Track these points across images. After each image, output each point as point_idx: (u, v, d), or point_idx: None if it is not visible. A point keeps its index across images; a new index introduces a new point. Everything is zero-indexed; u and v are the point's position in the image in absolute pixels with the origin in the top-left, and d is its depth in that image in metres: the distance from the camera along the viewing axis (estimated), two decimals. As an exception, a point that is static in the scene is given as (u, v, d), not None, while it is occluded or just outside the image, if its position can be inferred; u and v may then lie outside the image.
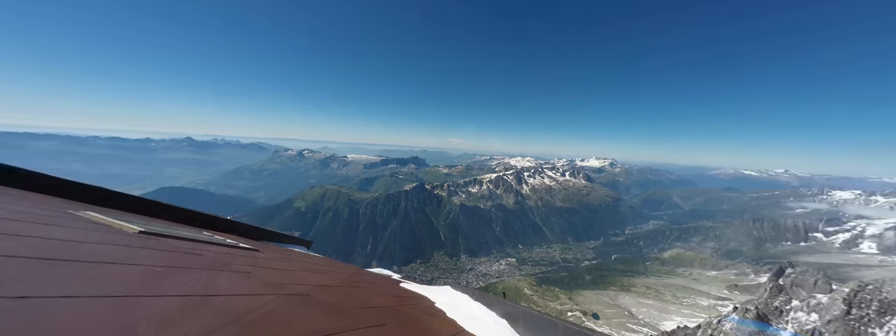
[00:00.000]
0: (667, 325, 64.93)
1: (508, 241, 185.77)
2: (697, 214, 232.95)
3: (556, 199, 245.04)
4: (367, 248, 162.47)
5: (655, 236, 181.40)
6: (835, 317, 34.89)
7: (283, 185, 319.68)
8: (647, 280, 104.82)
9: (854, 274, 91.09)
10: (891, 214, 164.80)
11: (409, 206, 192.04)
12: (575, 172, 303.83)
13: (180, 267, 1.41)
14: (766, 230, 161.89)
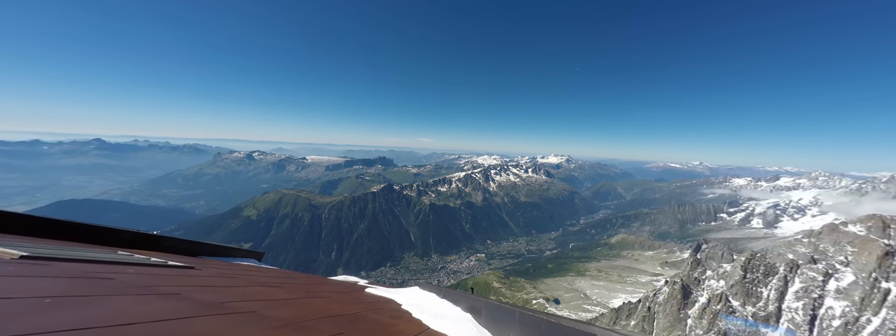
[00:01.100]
0: (615, 302, 73.08)
1: (478, 238, 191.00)
2: (636, 203, 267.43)
3: (520, 194, 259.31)
4: (332, 255, 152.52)
5: (604, 224, 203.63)
6: (735, 281, 42.96)
7: (229, 191, 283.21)
8: (598, 264, 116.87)
9: (748, 245, 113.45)
10: (770, 196, 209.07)
11: (377, 208, 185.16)
12: (537, 169, 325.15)
13: (82, 295, 1.17)
14: (687, 213, 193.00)
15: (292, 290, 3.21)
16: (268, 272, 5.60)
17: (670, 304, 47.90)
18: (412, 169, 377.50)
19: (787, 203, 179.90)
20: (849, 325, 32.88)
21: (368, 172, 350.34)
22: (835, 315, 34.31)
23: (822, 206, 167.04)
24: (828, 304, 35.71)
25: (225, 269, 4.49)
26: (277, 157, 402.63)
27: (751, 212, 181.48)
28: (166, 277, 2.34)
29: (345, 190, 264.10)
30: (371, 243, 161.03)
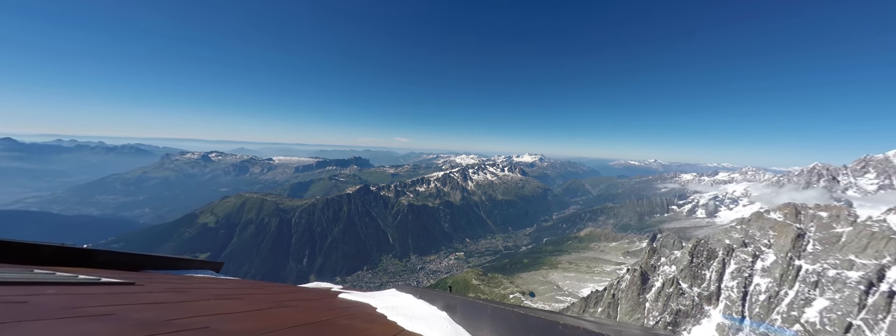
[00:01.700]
0: (584, 291, 77.97)
1: (457, 236, 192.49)
2: (602, 198, 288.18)
3: (497, 193, 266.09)
4: (303, 261, 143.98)
5: (574, 219, 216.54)
6: (684, 266, 48.03)
7: (180, 197, 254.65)
8: (569, 256, 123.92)
9: (694, 233, 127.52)
10: (711, 189, 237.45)
11: (352, 210, 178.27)
12: (512, 168, 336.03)
13: None
14: (644, 207, 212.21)
15: (255, 302, 3.02)
16: (227, 284, 5.09)
17: (631, 290, 52.26)
18: (390, 169, 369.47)
19: (724, 195, 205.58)
20: (771, 299, 38.46)
21: (343, 173, 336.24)
22: (761, 290, 39.92)
23: (751, 197, 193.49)
24: (755, 281, 41.42)
25: (175, 284, 3.97)
26: (239, 158, 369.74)
27: (696, 203, 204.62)
28: (98, 297, 2.02)
29: (317, 192, 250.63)
30: (347, 247, 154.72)
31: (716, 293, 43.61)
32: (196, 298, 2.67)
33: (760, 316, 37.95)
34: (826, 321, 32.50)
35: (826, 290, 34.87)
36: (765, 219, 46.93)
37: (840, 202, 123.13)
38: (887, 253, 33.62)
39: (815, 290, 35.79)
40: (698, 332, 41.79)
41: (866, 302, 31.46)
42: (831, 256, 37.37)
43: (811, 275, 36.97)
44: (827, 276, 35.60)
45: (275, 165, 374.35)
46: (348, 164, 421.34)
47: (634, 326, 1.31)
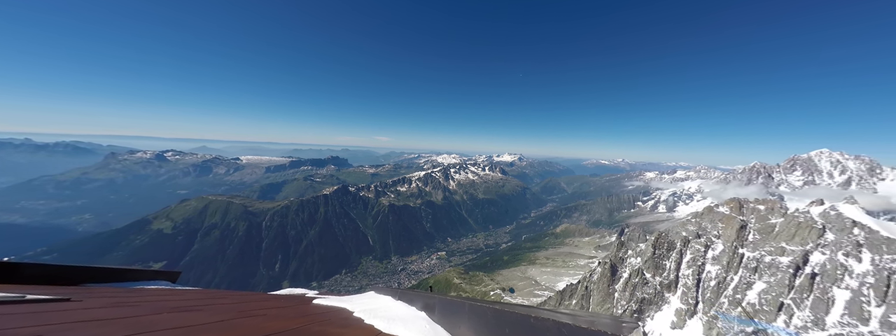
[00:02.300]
0: (560, 285, 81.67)
1: (438, 236, 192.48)
2: (576, 196, 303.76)
3: (478, 192, 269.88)
4: (275, 267, 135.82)
5: (551, 216, 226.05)
6: (648, 257, 52.03)
7: (129, 201, 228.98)
8: (546, 252, 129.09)
9: (656, 227, 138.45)
10: (671, 186, 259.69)
11: (330, 211, 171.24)
12: (493, 167, 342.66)
13: None
14: (613, 203, 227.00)
15: (218, 312, 2.88)
16: (185, 295, 4.59)
17: (602, 281, 55.65)
18: (369, 169, 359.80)
19: (681, 191, 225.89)
20: (720, 284, 42.96)
21: (319, 173, 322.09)
22: (711, 277, 44.44)
23: (703, 193, 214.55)
24: (707, 269, 45.99)
25: (120, 297, 3.45)
26: (200, 158, 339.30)
27: (658, 199, 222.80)
28: (22, 317, 1.72)
29: (291, 193, 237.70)
30: (323, 250, 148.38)
31: (675, 281, 47.75)
32: (147, 312, 2.42)
33: (711, 300, 42.20)
34: (763, 302, 36.95)
35: (763, 274, 39.62)
36: (714, 212, 52.23)
37: (774, 196, 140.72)
38: (810, 240, 38.97)
39: (754, 274, 40.52)
40: (660, 317, 45.51)
41: (794, 283, 36.23)
42: (767, 244, 42.53)
43: (751, 261, 41.80)
44: (764, 262, 40.48)
45: (242, 165, 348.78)
46: (325, 163, 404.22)
47: (603, 316, 1.37)
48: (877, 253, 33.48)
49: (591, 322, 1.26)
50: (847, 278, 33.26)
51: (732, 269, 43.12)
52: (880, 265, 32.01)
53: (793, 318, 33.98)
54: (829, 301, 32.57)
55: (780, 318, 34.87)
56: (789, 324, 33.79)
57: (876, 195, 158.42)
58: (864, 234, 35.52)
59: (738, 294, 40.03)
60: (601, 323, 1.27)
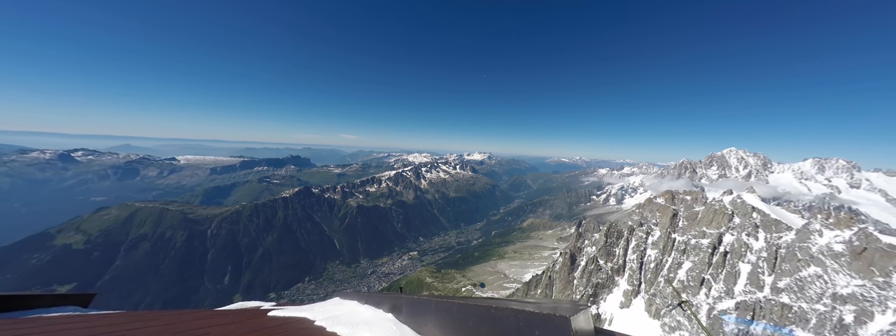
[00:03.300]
0: (527, 277, 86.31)
1: (410, 236, 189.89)
2: (541, 192, 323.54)
3: (450, 190, 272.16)
4: (224, 280, 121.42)
5: (518, 211, 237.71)
6: (601, 246, 57.48)
7: (21, 212, 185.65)
8: (514, 246, 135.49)
9: (608, 218, 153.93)
10: (620, 181, 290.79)
11: (290, 215, 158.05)
12: (463, 165, 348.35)
13: None
14: (572, 198, 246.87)
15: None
16: (99, 321, 3.68)
17: (563, 270, 60.11)
18: (335, 169, 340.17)
19: (628, 185, 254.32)
20: (657, 266, 49.33)
21: (277, 175, 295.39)
22: (651, 260, 50.80)
23: (645, 187, 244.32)
24: (648, 253, 52.44)
25: (13, 330, 2.91)
26: (122, 158, 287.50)
27: (609, 193, 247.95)
28: None
29: (243, 197, 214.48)
30: (283, 258, 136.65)
31: (623, 266, 53.51)
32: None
33: (651, 281, 48.20)
34: (689, 278, 43.31)
35: (689, 255, 46.42)
36: (653, 203, 59.67)
37: (697, 188, 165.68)
38: (723, 224, 46.67)
39: (683, 255, 47.26)
40: (611, 299, 50.66)
41: (712, 261, 43.10)
42: (692, 229, 49.90)
43: (681, 244, 48.67)
44: (690, 245, 47.42)
45: (180, 167, 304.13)
46: (284, 163, 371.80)
47: (559, 302, 1.46)
48: (769, 232, 41.34)
49: (545, 307, 1.39)
50: (748, 254, 40.52)
51: (667, 252, 49.69)
52: (771, 242, 39.60)
53: (711, 290, 40.37)
54: (736, 274, 39.37)
55: (702, 292, 41.16)
56: (708, 295, 40.04)
57: (768, 185, 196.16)
58: (760, 217, 43.59)
59: (672, 273, 46.29)
60: (553, 307, 1.40)
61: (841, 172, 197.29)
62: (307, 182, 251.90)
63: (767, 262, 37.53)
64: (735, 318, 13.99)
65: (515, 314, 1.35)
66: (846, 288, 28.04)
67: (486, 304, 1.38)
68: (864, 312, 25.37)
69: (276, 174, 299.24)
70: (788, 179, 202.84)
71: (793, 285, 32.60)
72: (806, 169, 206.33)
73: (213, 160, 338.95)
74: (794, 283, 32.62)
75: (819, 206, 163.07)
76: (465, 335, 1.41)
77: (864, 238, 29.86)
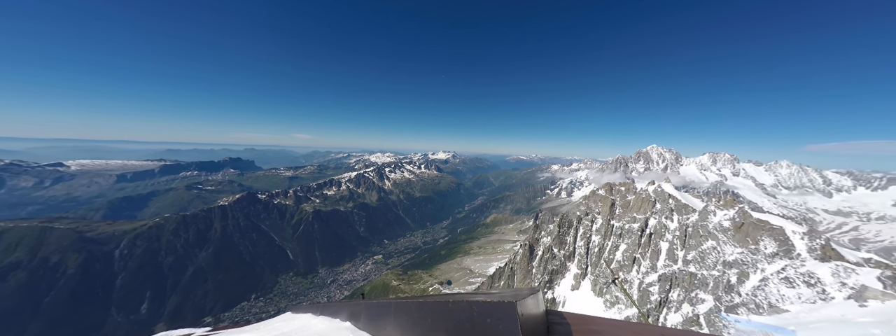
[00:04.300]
0: (491, 270, 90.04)
1: (374, 239, 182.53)
2: (502, 188, 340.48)
3: (415, 190, 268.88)
4: (141, 308, 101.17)
5: (482, 208, 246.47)
6: (555, 236, 62.80)
7: None
8: (479, 242, 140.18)
9: (560, 210, 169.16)
10: (569, 176, 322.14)
11: (230, 226, 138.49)
12: (429, 165, 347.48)
13: None
14: (530, 192, 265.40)
15: None
16: None
17: (523, 261, 64.15)
18: (286, 171, 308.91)
19: (576, 179, 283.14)
20: (600, 250, 55.98)
21: (211, 180, 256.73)
22: (595, 245, 57.40)
23: (590, 180, 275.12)
24: (593, 239, 59.10)
25: None
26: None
27: (561, 187, 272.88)
28: None
29: (165, 208, 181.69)
30: (222, 275, 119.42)
31: (573, 252, 59.28)
32: None
33: (595, 263, 54.37)
34: (624, 258, 50.06)
35: (624, 238, 53.63)
36: (596, 195, 67.36)
37: (629, 180, 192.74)
38: (648, 210, 54.97)
39: (619, 239, 54.38)
40: (563, 283, 55.72)
41: (641, 242, 50.46)
42: (626, 216, 57.72)
43: (617, 229, 55.92)
44: (624, 229, 54.80)
45: (71, 174, 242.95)
46: (220, 167, 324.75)
47: (512, 290, 1.55)
48: (680, 214, 49.93)
49: (498, 296, 1.47)
50: (666, 234, 48.41)
51: (607, 237, 56.56)
52: (682, 223, 47.93)
53: (641, 266, 47.21)
54: (658, 251, 46.73)
55: (634, 269, 47.87)
56: (639, 271, 46.72)
57: (679, 175, 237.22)
58: (674, 202, 52.41)
59: (611, 255, 52.84)
60: (506, 295, 1.49)
61: (726, 164, 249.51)
62: (251, 187, 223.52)
63: (680, 240, 45.30)
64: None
65: (470, 306, 1.41)
66: (731, 255, 35.37)
67: (444, 299, 1.43)
68: (743, 274, 32.31)
69: (210, 179, 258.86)
70: (693, 170, 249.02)
71: (697, 257, 39.93)
72: (704, 161, 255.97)
73: (121, 165, 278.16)
74: (698, 254, 40.00)
75: (713, 191, 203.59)
76: (425, 333, 1.46)
77: (742, 215, 38.03)
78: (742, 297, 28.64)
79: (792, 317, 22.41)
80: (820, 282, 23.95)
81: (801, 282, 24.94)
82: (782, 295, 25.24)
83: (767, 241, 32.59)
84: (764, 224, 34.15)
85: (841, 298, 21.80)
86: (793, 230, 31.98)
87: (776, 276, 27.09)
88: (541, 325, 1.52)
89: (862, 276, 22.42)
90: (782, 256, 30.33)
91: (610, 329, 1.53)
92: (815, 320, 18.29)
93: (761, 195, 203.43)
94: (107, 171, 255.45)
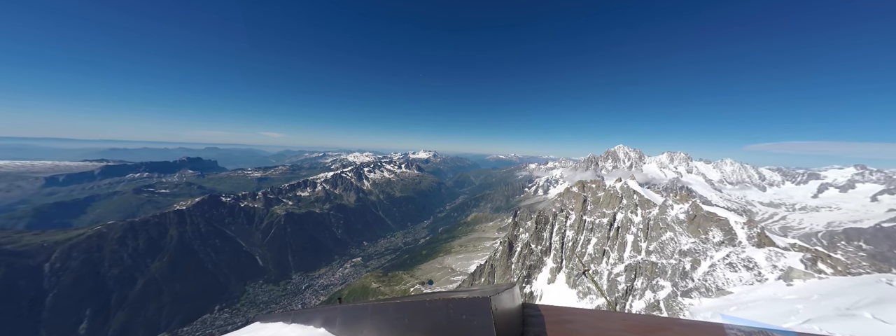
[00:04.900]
0: (472, 268, 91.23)
1: (353, 242, 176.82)
2: (483, 187, 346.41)
3: (395, 190, 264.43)
4: (80, 328, 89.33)
5: (463, 207, 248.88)
6: (532, 232, 65.14)
7: None
8: (460, 240, 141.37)
9: (538, 207, 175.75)
10: (545, 174, 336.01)
11: (189, 232, 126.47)
12: (409, 164, 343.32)
13: None
14: (509, 191, 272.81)
15: None
16: None
17: (503, 258, 65.78)
18: (254, 172, 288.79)
19: (552, 177, 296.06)
20: (574, 244, 59.04)
21: (166, 182, 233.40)
22: (569, 240, 60.44)
23: (564, 178, 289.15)
24: (567, 234, 62.16)
25: None
26: None
27: (538, 185, 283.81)
28: None
29: (108, 213, 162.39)
30: (179, 286, 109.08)
31: (549, 247, 61.87)
32: None
33: (569, 257, 57.22)
34: (595, 251, 53.28)
35: (595, 232, 57.06)
36: (570, 192, 70.90)
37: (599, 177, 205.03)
38: (615, 205, 58.99)
39: (591, 233, 57.75)
40: (540, 277, 58.00)
41: (609, 235, 54.00)
42: (597, 211, 61.43)
43: (589, 224, 59.35)
44: (595, 224, 58.30)
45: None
46: (176, 168, 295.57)
47: (502, 285, 1.55)
48: (643, 209, 54.14)
49: (475, 292, 1.50)
50: (631, 227, 52.26)
51: (580, 232, 59.77)
52: (645, 216, 52.01)
53: (610, 258, 50.51)
54: (624, 244, 50.31)
55: (604, 261, 51.08)
56: (608, 263, 49.93)
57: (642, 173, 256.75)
58: (638, 198, 56.71)
59: (583, 249, 55.93)
60: (482, 291, 1.51)
61: (682, 162, 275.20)
62: (214, 189, 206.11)
63: (643, 232, 49.10)
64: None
65: (446, 304, 1.42)
66: (686, 245, 39.02)
67: (421, 299, 1.43)
68: (695, 261, 35.80)
69: (164, 182, 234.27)
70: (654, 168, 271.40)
71: (658, 247, 43.55)
72: (663, 160, 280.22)
73: (52, 166, 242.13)
74: (658, 245, 43.63)
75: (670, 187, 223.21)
76: (403, 333, 1.46)
77: (694, 209, 42.10)
78: (695, 282, 31.71)
79: (735, 297, 25.19)
80: (756, 265, 27.20)
81: (742, 266, 28.16)
82: (727, 278, 28.32)
83: (715, 231, 36.39)
84: (712, 216, 38.07)
85: (773, 279, 24.91)
86: (735, 221, 36.04)
87: (722, 262, 30.34)
88: (516, 318, 1.56)
89: (788, 259, 25.80)
90: (727, 244, 34.06)
91: (579, 318, 1.61)
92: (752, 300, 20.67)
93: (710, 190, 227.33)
94: (32, 173, 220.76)
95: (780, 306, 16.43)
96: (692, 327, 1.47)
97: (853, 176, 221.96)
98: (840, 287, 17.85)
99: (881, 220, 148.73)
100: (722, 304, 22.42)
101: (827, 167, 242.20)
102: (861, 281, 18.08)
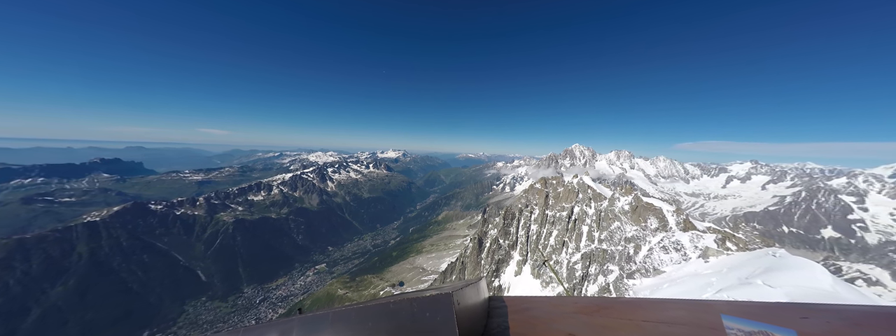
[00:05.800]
0: (443, 266, 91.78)
1: (315, 247, 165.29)
2: (453, 185, 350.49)
3: (363, 191, 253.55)
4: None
5: (433, 206, 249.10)
6: (500, 227, 67.89)
7: None
8: (431, 239, 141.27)
9: (505, 203, 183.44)
10: (512, 172, 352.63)
11: (106, 248, 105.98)
12: (377, 164, 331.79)
13: None
14: (479, 189, 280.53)
15: None
16: None
17: (473, 254, 67.41)
18: (193, 175, 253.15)
19: (517, 175, 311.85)
20: (538, 238, 63.11)
21: (70, 189, 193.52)
22: (534, 233, 64.42)
23: (529, 175, 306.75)
24: (532, 228, 66.13)
25: None
26: None
27: (505, 182, 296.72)
28: None
29: None
30: (92, 314, 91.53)
31: (515, 241, 65.10)
32: None
33: (534, 249, 60.96)
34: (555, 243, 57.59)
35: (556, 225, 61.63)
36: (533, 188, 75.45)
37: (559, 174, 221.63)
38: (573, 199, 64.45)
39: (552, 226, 62.25)
40: (508, 270, 60.79)
41: (568, 227, 58.80)
42: (557, 205, 66.39)
43: (550, 218, 63.89)
44: (556, 217, 62.97)
45: None
46: (86, 171, 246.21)
47: (472, 279, 1.59)
48: (596, 202, 59.98)
49: (442, 289, 1.47)
50: (586, 219, 57.58)
51: (543, 226, 63.97)
52: (597, 208, 57.69)
53: (568, 248, 54.98)
54: (581, 234, 55.23)
55: (563, 251, 55.44)
56: (567, 253, 54.31)
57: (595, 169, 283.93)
58: (592, 192, 62.66)
59: (546, 241, 60.00)
60: (451, 287, 1.51)
61: (626, 159, 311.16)
62: (140, 196, 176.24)
63: (596, 223, 54.40)
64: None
65: (410, 303, 1.41)
66: (630, 232, 44.23)
67: (385, 301, 1.41)
68: (637, 246, 40.79)
69: (68, 188, 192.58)
70: (604, 165, 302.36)
71: (607, 236, 48.62)
72: (611, 157, 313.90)
73: None
74: (608, 234, 48.74)
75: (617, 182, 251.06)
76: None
77: (636, 200, 47.89)
78: (637, 264, 36.12)
79: (667, 276, 29.20)
80: (683, 247, 31.94)
81: (673, 248, 32.85)
82: (661, 260, 32.77)
83: (652, 219, 41.85)
84: (650, 206, 43.69)
85: (694, 258, 29.47)
86: (667, 209, 41.86)
87: (657, 246, 35.04)
88: (481, 311, 1.58)
89: (705, 240, 30.77)
90: (661, 230, 39.42)
91: (539, 305, 1.72)
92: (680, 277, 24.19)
93: (648, 183, 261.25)
94: None
95: (700, 280, 19.46)
96: (630, 304, 1.67)
97: (750, 169, 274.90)
98: (741, 261, 21.85)
99: (768, 205, 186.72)
100: (657, 282, 25.86)
101: (732, 162, 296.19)
102: (755, 255, 22.36)
